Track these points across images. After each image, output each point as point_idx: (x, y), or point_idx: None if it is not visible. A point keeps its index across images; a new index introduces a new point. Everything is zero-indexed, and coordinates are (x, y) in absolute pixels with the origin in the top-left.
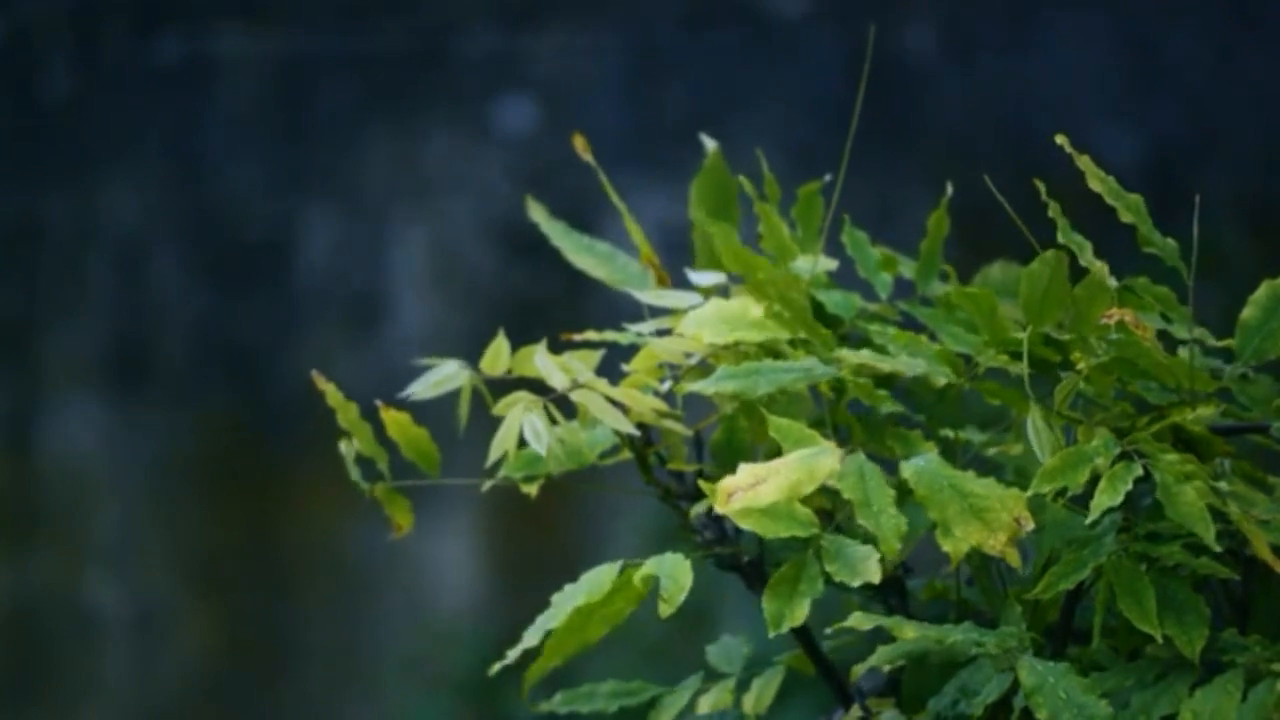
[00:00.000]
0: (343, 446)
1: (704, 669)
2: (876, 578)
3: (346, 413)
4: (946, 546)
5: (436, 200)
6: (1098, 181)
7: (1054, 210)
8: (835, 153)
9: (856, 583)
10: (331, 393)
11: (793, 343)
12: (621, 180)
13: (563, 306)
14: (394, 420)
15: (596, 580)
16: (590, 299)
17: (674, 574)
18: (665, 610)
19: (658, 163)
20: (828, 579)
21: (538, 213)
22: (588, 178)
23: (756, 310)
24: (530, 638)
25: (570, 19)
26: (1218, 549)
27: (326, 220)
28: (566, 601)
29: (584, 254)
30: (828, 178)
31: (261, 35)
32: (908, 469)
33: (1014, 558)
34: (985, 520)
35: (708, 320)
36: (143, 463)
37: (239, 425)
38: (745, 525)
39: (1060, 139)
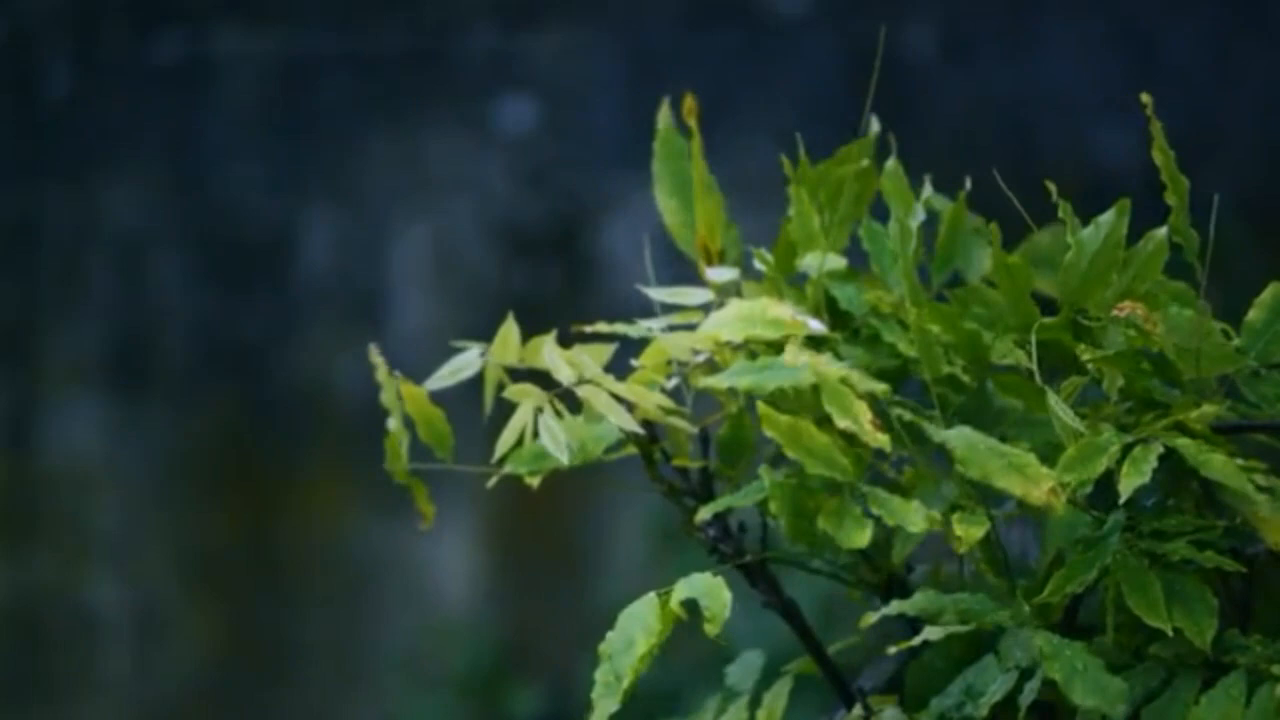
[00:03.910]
0: (391, 425)
1: (702, 664)
2: (922, 527)
3: (390, 390)
4: (959, 531)
5: (437, 199)
6: (1160, 154)
7: (1065, 210)
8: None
9: (914, 529)
10: (383, 371)
11: (808, 341)
12: (621, 180)
13: (564, 305)
14: (412, 396)
15: (643, 621)
16: (591, 297)
17: (712, 594)
18: (712, 630)
19: None
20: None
21: (664, 119)
22: (586, 177)
23: (774, 309)
24: (604, 703)
25: (570, 19)
26: (1259, 499)
27: (327, 220)
28: (623, 653)
29: (673, 193)
30: (864, 163)
31: (261, 35)
32: (947, 436)
33: (1059, 505)
34: (1026, 475)
35: (726, 320)
36: (143, 462)
37: (239, 425)
38: (791, 453)
39: (1145, 98)
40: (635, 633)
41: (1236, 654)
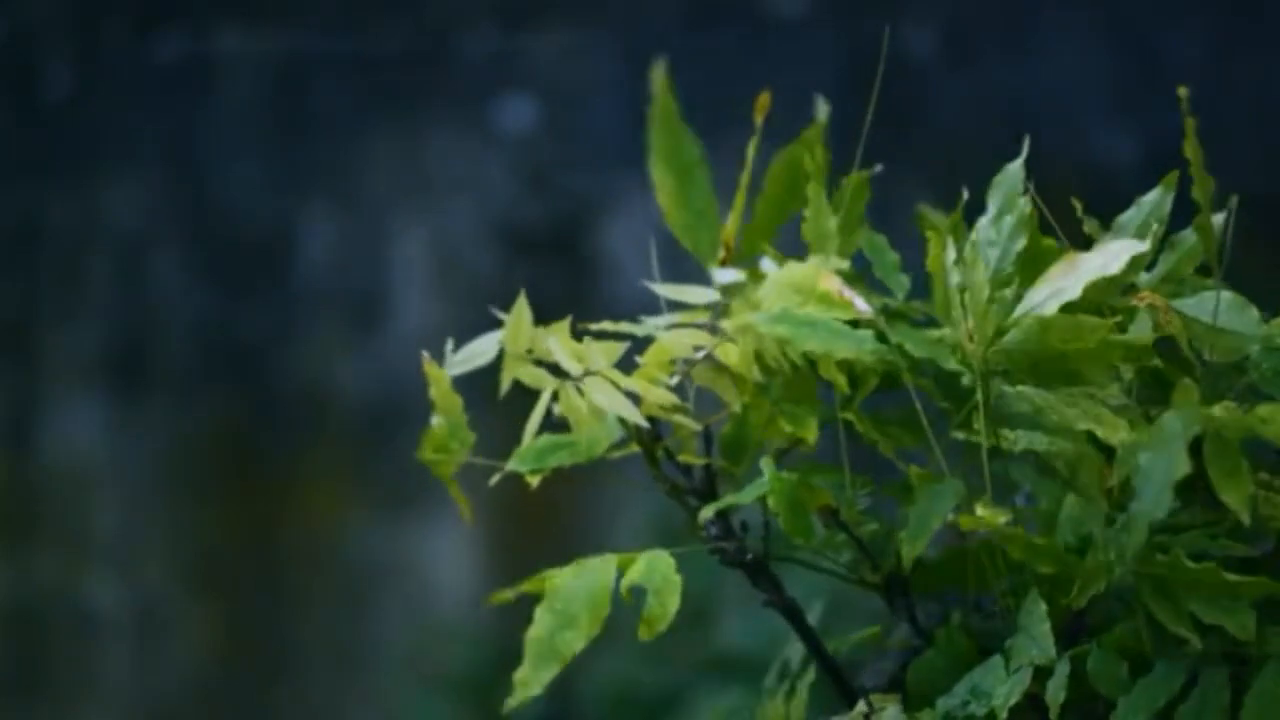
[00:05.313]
0: (435, 421)
1: (701, 667)
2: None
3: (439, 382)
4: (983, 515)
5: (437, 200)
6: (1191, 150)
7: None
8: (835, 152)
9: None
10: (432, 369)
11: (850, 324)
12: (621, 180)
13: (564, 306)
14: (436, 378)
15: (590, 597)
16: (593, 298)
17: (663, 588)
18: (645, 635)
19: None
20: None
21: (658, 81)
22: (587, 177)
23: (825, 281)
24: (539, 675)
25: (570, 19)
26: None
27: (327, 220)
28: (563, 628)
29: (665, 165)
30: (879, 168)
31: (261, 35)
32: (1024, 390)
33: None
34: (1103, 420)
35: (782, 287)
36: (143, 462)
37: (239, 425)
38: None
39: (1181, 91)
40: (580, 604)
41: (1252, 646)
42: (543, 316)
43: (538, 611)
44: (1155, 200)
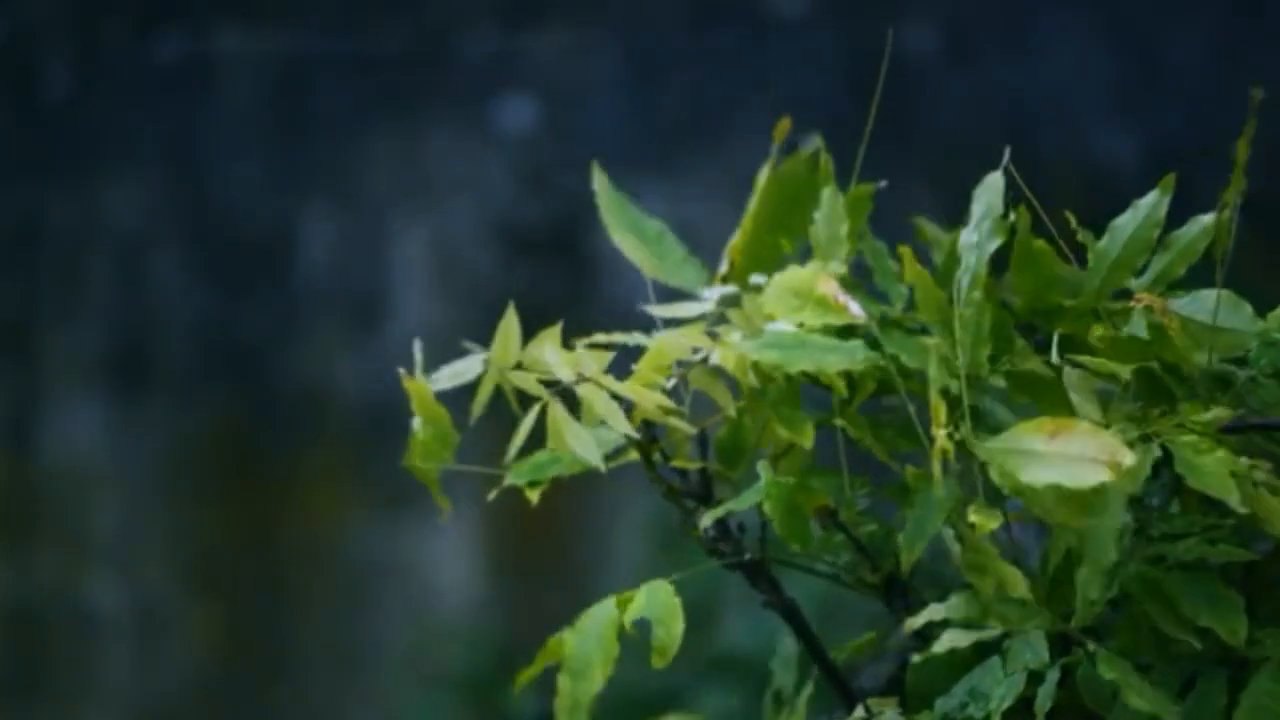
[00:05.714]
0: (416, 426)
1: (702, 665)
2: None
3: (421, 395)
4: (975, 521)
5: (437, 200)
6: (1244, 149)
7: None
8: (835, 152)
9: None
10: (411, 384)
11: (843, 330)
12: (621, 181)
13: (564, 307)
14: (418, 392)
15: (600, 640)
16: (592, 300)
17: (666, 619)
18: (659, 662)
19: (657, 163)
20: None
21: (599, 181)
22: (587, 178)
23: (823, 284)
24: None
25: (570, 19)
26: (1244, 510)
27: (327, 220)
28: (581, 676)
29: (628, 233)
30: (884, 183)
31: (261, 35)
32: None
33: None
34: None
35: (781, 291)
36: (143, 462)
37: (239, 425)
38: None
39: (1255, 92)
40: (593, 653)
41: (1251, 649)
42: (542, 317)
43: (559, 678)
44: (1152, 203)
